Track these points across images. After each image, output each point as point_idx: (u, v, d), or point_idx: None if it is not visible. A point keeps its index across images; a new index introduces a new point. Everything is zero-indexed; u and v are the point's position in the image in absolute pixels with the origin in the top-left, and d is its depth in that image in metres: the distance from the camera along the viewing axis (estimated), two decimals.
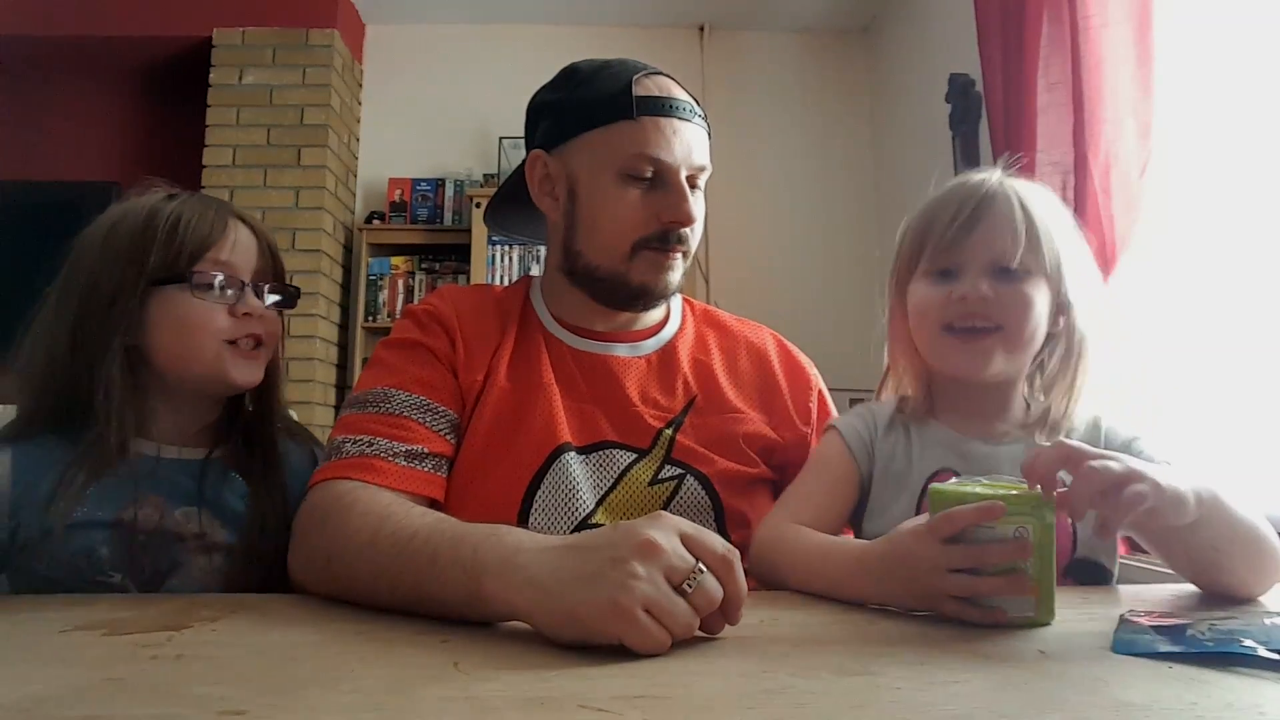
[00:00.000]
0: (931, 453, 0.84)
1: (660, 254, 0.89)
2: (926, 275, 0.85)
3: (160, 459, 0.86)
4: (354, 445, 0.80)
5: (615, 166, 0.87)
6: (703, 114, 0.92)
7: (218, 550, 0.85)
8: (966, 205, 0.82)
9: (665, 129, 0.87)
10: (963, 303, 0.80)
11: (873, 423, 0.89)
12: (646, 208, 0.87)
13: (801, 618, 0.63)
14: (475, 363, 0.88)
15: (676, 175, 0.87)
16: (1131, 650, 0.51)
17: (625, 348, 0.94)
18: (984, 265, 0.81)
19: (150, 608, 0.66)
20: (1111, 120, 1.64)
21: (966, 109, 2.54)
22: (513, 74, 3.58)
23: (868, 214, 3.50)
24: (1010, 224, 0.81)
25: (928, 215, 0.86)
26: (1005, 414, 0.85)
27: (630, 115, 0.86)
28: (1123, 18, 1.63)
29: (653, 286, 0.90)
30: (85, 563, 0.80)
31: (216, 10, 3.24)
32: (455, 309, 0.92)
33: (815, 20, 3.54)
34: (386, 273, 3.30)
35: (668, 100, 0.88)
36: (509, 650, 0.53)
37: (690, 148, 0.88)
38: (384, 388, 0.84)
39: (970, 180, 0.85)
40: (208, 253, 0.86)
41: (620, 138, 0.87)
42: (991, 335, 0.80)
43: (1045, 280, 0.82)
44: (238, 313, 0.86)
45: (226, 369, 0.86)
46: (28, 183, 3.33)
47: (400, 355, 0.88)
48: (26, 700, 0.41)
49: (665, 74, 0.92)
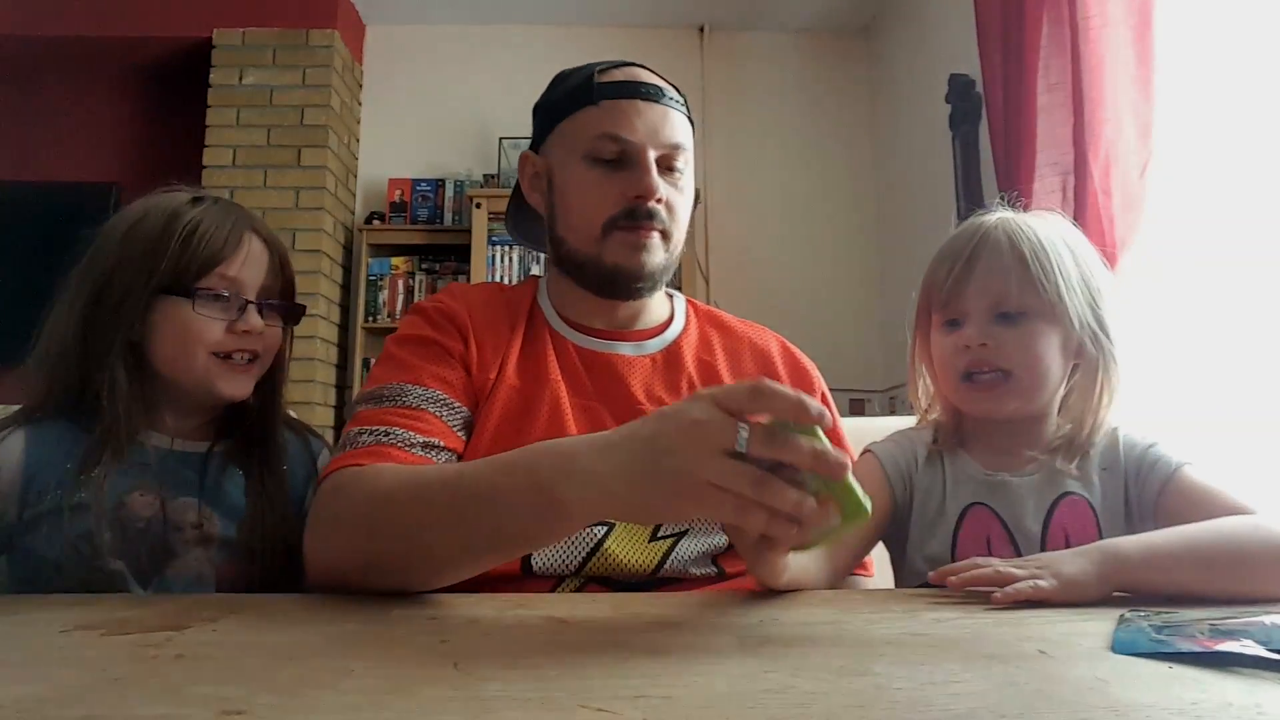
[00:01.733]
0: (963, 488, 0.85)
1: (630, 232, 0.88)
2: (939, 326, 0.88)
3: (163, 450, 0.88)
4: (370, 436, 0.78)
5: (581, 150, 0.89)
6: (680, 99, 0.93)
7: (214, 542, 0.87)
8: (962, 254, 0.85)
9: (627, 109, 0.88)
10: (969, 352, 0.83)
11: (912, 453, 0.89)
12: (613, 186, 0.88)
13: (802, 618, 0.63)
14: (487, 360, 0.88)
15: (640, 151, 0.88)
16: (1132, 650, 0.51)
17: (630, 347, 0.94)
18: (984, 311, 0.83)
19: (150, 608, 0.66)
20: (1111, 120, 1.64)
21: (966, 109, 2.54)
22: (513, 74, 3.61)
23: (867, 214, 3.51)
24: (1002, 268, 0.82)
25: (932, 268, 0.89)
26: (1035, 443, 0.86)
27: (593, 101, 0.89)
28: (1123, 18, 1.63)
29: (626, 267, 0.89)
30: (86, 547, 0.81)
31: (216, 11, 3.24)
32: (467, 307, 0.92)
33: (815, 20, 3.54)
34: (386, 273, 3.31)
35: (630, 83, 0.90)
36: (509, 650, 0.53)
37: (657, 126, 0.89)
38: (400, 383, 0.83)
39: (970, 225, 0.87)
40: (217, 267, 0.87)
41: (585, 122, 0.89)
42: (1002, 384, 0.82)
43: (1051, 316, 0.82)
44: (236, 329, 0.87)
45: (215, 382, 0.88)
46: (27, 183, 3.33)
47: (415, 352, 0.88)
48: (26, 700, 0.41)
49: (639, 65, 0.94)
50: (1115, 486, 0.83)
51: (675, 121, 0.91)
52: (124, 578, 0.83)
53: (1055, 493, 0.83)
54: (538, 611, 0.63)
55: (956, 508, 0.84)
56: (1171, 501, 0.79)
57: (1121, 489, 0.82)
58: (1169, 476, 0.80)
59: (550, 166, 0.94)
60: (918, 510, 0.86)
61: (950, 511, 0.84)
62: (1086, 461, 0.84)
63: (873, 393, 3.28)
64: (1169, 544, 0.69)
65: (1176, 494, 0.79)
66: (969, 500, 0.84)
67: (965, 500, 0.84)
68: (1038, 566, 0.66)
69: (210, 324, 0.87)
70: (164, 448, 0.89)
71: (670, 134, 0.89)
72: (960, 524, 0.84)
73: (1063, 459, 0.83)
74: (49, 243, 3.25)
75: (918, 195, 3.06)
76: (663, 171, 0.90)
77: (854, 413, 3.21)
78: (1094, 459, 0.84)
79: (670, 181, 0.90)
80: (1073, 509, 0.82)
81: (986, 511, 0.83)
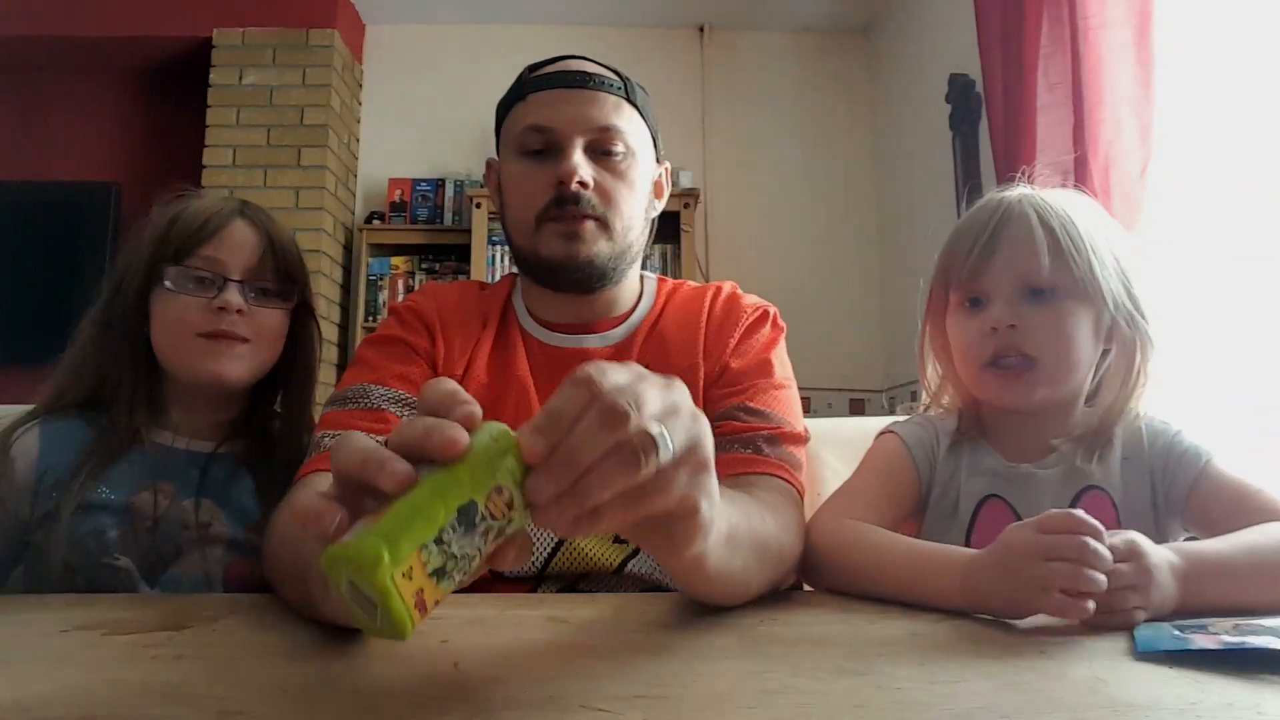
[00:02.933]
0: (979, 480, 0.82)
1: (558, 223, 0.86)
2: (959, 307, 0.83)
3: (173, 449, 0.89)
4: (331, 439, 0.79)
5: (514, 146, 0.90)
6: (619, 83, 0.90)
7: (219, 542, 0.87)
8: (985, 229, 0.80)
9: (553, 99, 0.88)
10: (995, 335, 0.78)
11: (935, 438, 0.85)
12: (541, 177, 0.87)
13: (801, 618, 0.63)
14: (455, 357, 0.88)
15: (563, 138, 0.86)
16: (1155, 647, 0.51)
17: (596, 338, 0.92)
18: (1012, 289, 0.78)
19: (150, 608, 0.66)
20: (1111, 120, 1.64)
21: (966, 109, 2.54)
22: (513, 74, 3.58)
23: (867, 214, 3.50)
24: (1031, 242, 0.77)
25: (951, 243, 0.83)
26: (1061, 431, 0.81)
27: (522, 96, 0.90)
28: (1123, 18, 1.63)
29: (559, 258, 0.86)
30: (94, 543, 0.82)
31: (216, 10, 3.24)
32: (437, 305, 0.92)
33: (815, 20, 3.54)
34: (386, 273, 3.31)
35: (556, 74, 0.89)
36: (509, 650, 0.53)
37: (582, 112, 0.86)
38: (363, 384, 0.84)
39: (990, 201, 0.83)
40: (198, 249, 0.88)
41: (516, 118, 0.90)
42: (1031, 371, 0.78)
43: (1084, 297, 0.78)
44: (214, 306, 0.87)
45: (202, 361, 0.87)
46: (28, 183, 3.33)
47: (380, 352, 0.88)
48: (26, 700, 0.41)
49: (576, 56, 0.92)
50: (1139, 477, 0.79)
51: (605, 104, 0.88)
52: (131, 575, 0.83)
53: (1077, 486, 0.79)
54: (538, 611, 0.63)
55: (971, 501, 0.81)
56: (1203, 501, 0.76)
57: (1147, 481, 0.79)
58: (1199, 472, 0.76)
59: (499, 168, 0.95)
60: (934, 501, 0.83)
61: (965, 505, 0.81)
62: (1109, 452, 0.80)
63: (873, 392, 3.28)
64: (1235, 558, 0.65)
65: (1208, 494, 0.76)
66: (985, 493, 0.81)
67: (981, 493, 0.81)
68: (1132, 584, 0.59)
69: (187, 304, 0.87)
70: (174, 446, 0.90)
71: (598, 116, 0.87)
72: (975, 518, 0.81)
73: (1083, 456, 0.79)
74: (49, 242, 3.28)
75: (918, 195, 3.06)
76: (597, 156, 0.87)
77: (854, 412, 3.21)
78: (1116, 448, 0.80)
79: (606, 167, 0.87)
80: (1094, 504, 0.78)
81: (1003, 505, 0.80)
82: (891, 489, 0.83)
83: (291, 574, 0.61)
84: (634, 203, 0.90)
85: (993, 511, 0.81)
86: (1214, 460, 0.77)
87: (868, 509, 0.79)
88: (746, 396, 0.85)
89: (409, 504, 0.36)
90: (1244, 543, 0.66)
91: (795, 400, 0.89)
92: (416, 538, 0.36)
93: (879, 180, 3.51)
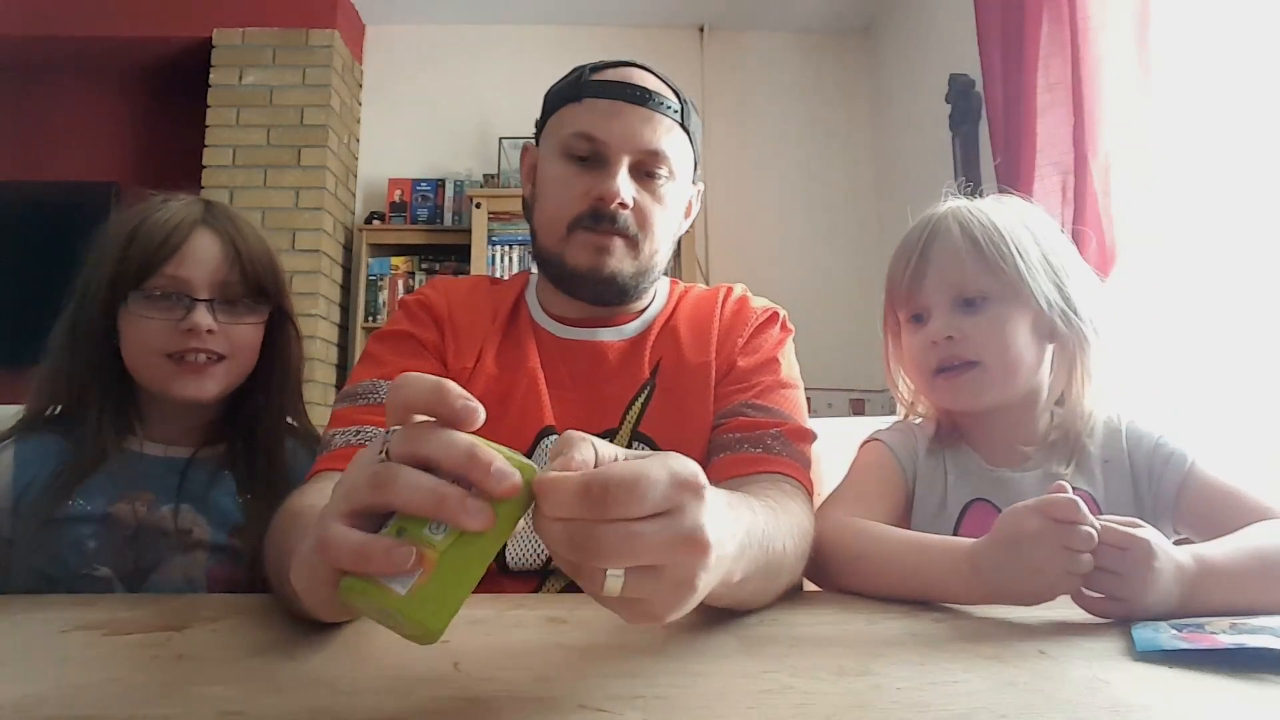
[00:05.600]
0: (965, 483, 0.84)
1: (591, 234, 0.86)
2: (906, 323, 0.87)
3: (149, 457, 0.88)
4: (342, 437, 0.79)
5: (560, 146, 0.88)
6: (676, 106, 0.89)
7: (201, 548, 0.86)
8: (916, 247, 0.84)
9: (607, 109, 0.87)
10: (936, 348, 0.82)
11: (914, 443, 0.88)
12: (581, 185, 0.86)
13: (801, 618, 0.63)
14: (464, 350, 0.88)
15: (612, 154, 0.86)
16: (1154, 647, 0.51)
17: (610, 331, 0.92)
18: (946, 301, 0.82)
19: (150, 608, 0.66)
20: (1111, 120, 1.64)
21: (966, 110, 2.54)
22: (513, 74, 3.61)
23: (867, 214, 3.50)
24: (956, 254, 0.81)
25: (891, 264, 0.87)
26: (1031, 434, 0.84)
27: (578, 98, 0.88)
28: (1123, 18, 1.63)
29: (584, 269, 0.87)
30: (73, 556, 0.82)
31: (216, 11, 3.24)
32: (446, 298, 0.92)
33: (815, 20, 3.54)
34: (386, 273, 3.31)
35: (616, 84, 0.88)
36: (509, 650, 0.53)
37: (636, 130, 0.86)
38: (373, 379, 0.84)
39: (921, 219, 0.87)
40: (161, 267, 0.85)
41: (568, 118, 0.89)
42: (971, 370, 0.81)
43: (1016, 299, 0.81)
44: (181, 328, 0.85)
45: (171, 384, 0.86)
46: (28, 183, 3.33)
47: (389, 347, 0.88)
48: (26, 700, 0.41)
49: (640, 66, 0.91)
50: (1120, 480, 0.81)
51: (659, 127, 0.87)
52: (111, 584, 0.83)
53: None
54: (538, 611, 0.63)
55: (958, 503, 0.83)
56: (1193, 503, 0.77)
57: (1129, 484, 0.81)
58: (1185, 474, 0.78)
59: (537, 159, 0.94)
60: (919, 504, 0.85)
61: (951, 507, 0.83)
62: (1086, 456, 0.82)
63: (873, 393, 3.28)
64: (1241, 562, 0.64)
65: (1197, 495, 0.77)
66: (971, 495, 0.83)
67: (967, 495, 0.83)
68: (1127, 578, 0.59)
69: (154, 325, 0.85)
70: (151, 454, 0.89)
71: (650, 139, 0.86)
72: (961, 520, 0.83)
73: (1059, 462, 0.81)
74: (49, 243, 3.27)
75: (917, 195, 3.04)
76: (639, 177, 0.87)
77: (854, 412, 3.21)
78: (1093, 452, 0.83)
79: (647, 188, 0.87)
80: None
81: (989, 507, 0.82)
82: (884, 491, 0.85)
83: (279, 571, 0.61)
84: (666, 225, 0.90)
85: (979, 514, 0.82)
86: (1198, 463, 0.78)
87: (867, 509, 0.80)
88: (754, 394, 0.86)
89: (454, 565, 0.38)
90: (1248, 547, 0.66)
91: (801, 402, 0.89)
92: (462, 597, 0.39)
93: (878, 180, 3.51)
